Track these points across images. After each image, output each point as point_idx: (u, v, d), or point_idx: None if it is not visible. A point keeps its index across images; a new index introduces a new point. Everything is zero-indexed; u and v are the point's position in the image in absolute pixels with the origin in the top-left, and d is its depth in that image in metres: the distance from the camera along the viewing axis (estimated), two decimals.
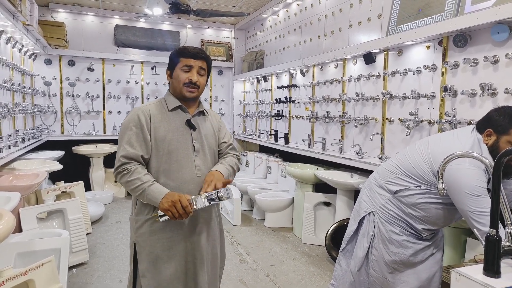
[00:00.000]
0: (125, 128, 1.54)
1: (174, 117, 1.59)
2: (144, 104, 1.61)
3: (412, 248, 1.70)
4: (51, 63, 5.42)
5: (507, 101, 2.17)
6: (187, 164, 1.56)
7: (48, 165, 3.78)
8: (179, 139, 1.56)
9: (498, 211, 1.06)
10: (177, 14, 4.34)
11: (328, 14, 4.08)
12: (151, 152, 1.54)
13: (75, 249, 3.10)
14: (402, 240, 1.71)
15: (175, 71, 1.59)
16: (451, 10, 2.51)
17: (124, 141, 1.51)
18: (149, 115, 1.54)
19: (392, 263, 1.73)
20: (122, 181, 1.50)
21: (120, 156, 1.50)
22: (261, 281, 2.95)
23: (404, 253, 1.70)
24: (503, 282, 0.98)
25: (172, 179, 1.53)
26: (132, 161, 1.50)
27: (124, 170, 1.49)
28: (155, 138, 1.53)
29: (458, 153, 1.26)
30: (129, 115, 1.56)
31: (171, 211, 1.44)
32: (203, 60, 1.60)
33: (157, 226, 1.53)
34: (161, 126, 1.55)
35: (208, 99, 6.44)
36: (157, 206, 1.46)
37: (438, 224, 1.71)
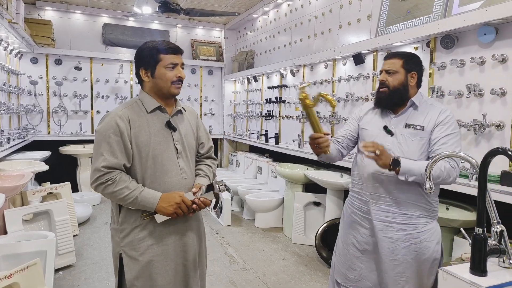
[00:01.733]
0: (102, 136, 1.43)
1: (153, 119, 1.51)
2: (119, 108, 1.50)
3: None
4: (38, 62, 5.32)
5: (493, 101, 2.21)
6: (171, 168, 1.52)
7: (34, 165, 3.71)
8: (161, 143, 1.50)
9: (485, 210, 1.07)
10: (167, 13, 4.31)
11: (318, 14, 4.10)
12: (133, 159, 1.47)
13: (62, 251, 3.05)
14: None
15: (157, 70, 1.50)
16: (438, 12, 2.54)
17: (104, 150, 1.42)
18: (128, 120, 1.46)
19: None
20: (106, 192, 1.42)
21: (100, 167, 1.40)
22: (251, 282, 2.94)
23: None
24: (489, 281, 0.99)
25: (158, 183, 1.49)
26: (114, 170, 1.42)
27: (107, 180, 1.40)
28: (136, 144, 1.46)
29: (446, 153, 1.28)
30: (105, 121, 1.45)
31: (177, 213, 1.44)
32: (181, 54, 1.56)
33: (146, 232, 1.49)
34: (141, 130, 1.47)
35: (198, 99, 6.40)
36: (152, 211, 1.44)
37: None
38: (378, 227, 1.72)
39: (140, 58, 1.52)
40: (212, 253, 3.49)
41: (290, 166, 4.20)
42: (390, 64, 1.74)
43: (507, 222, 1.23)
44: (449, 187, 2.21)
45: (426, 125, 1.68)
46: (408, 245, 1.68)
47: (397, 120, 1.74)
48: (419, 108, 1.72)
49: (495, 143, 2.20)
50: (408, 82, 1.72)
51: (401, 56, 1.74)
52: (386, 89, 1.73)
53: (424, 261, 1.68)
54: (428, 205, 1.70)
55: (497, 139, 2.19)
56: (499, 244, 1.08)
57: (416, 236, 1.68)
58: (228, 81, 6.42)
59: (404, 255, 1.69)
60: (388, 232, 1.70)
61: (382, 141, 1.71)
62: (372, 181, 1.74)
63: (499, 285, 0.97)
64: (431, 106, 1.72)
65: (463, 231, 1.26)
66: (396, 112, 1.76)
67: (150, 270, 1.49)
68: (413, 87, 1.74)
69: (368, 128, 1.81)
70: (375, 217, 1.73)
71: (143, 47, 1.53)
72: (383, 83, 1.75)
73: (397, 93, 1.71)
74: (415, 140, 1.68)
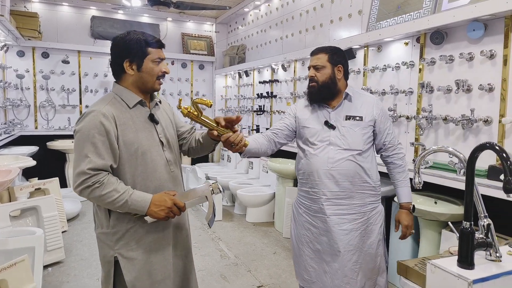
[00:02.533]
0: (86, 136, 1.34)
1: (136, 114, 1.45)
2: (101, 105, 1.40)
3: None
4: (24, 55, 5.21)
5: (481, 97, 2.24)
6: (160, 162, 1.49)
7: (21, 161, 3.64)
8: (147, 137, 1.46)
9: (472, 204, 1.09)
10: (157, 6, 4.25)
11: (309, 9, 4.09)
12: (120, 158, 1.40)
13: (50, 248, 3.01)
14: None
15: (145, 63, 1.43)
16: (428, 8, 2.55)
17: (88, 151, 1.32)
18: (113, 118, 1.38)
19: None
20: (92, 196, 1.33)
21: (86, 169, 1.31)
22: (243, 276, 2.95)
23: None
24: (477, 274, 1.00)
25: (150, 180, 1.46)
26: (101, 172, 1.34)
27: (94, 183, 1.31)
28: (124, 142, 1.39)
29: (434, 147, 1.29)
30: (87, 120, 1.36)
31: (169, 217, 1.41)
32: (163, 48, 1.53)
33: (142, 231, 1.46)
34: (127, 128, 1.41)
35: (189, 94, 6.36)
36: (143, 214, 1.39)
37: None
38: (332, 222, 1.75)
39: (125, 49, 1.42)
40: (203, 248, 3.49)
41: (281, 161, 4.21)
42: (317, 59, 1.81)
43: (494, 216, 1.25)
44: (438, 181, 2.24)
45: (364, 115, 1.78)
46: (359, 233, 1.77)
47: (335, 114, 1.80)
48: (353, 99, 1.82)
49: (483, 138, 2.23)
50: (336, 75, 1.79)
51: (326, 51, 1.81)
52: (315, 84, 1.80)
53: (371, 243, 1.77)
54: (373, 190, 1.80)
55: (485, 134, 2.23)
56: (486, 238, 1.09)
57: (364, 222, 1.78)
58: (219, 75, 6.38)
59: (357, 243, 1.76)
60: (342, 224, 1.75)
61: (325, 135, 1.77)
62: (320, 178, 1.75)
63: (486, 277, 0.99)
64: (362, 96, 1.85)
65: (450, 225, 1.28)
66: (332, 105, 1.82)
67: (149, 267, 1.48)
68: (340, 80, 1.81)
69: (309, 126, 1.83)
70: (328, 212, 1.75)
71: (129, 38, 1.43)
72: (312, 78, 1.82)
73: (326, 87, 1.78)
74: (357, 130, 1.76)
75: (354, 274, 1.76)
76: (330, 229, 1.75)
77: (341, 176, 1.73)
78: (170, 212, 1.40)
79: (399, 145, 1.86)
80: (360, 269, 1.77)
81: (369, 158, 1.79)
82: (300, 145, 1.89)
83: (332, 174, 1.73)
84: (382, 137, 1.82)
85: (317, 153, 1.77)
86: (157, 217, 1.40)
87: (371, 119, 1.78)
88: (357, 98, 1.82)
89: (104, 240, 1.46)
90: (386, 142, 1.82)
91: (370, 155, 1.79)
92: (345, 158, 1.73)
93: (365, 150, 1.76)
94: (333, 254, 1.76)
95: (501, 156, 1.00)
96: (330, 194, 1.75)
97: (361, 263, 1.77)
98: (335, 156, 1.73)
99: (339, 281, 1.76)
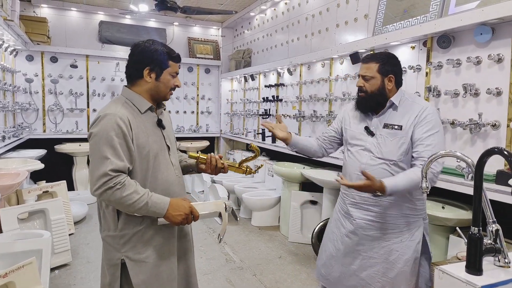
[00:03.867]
0: (104, 139, 1.36)
1: (147, 120, 1.51)
2: (115, 108, 1.43)
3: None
4: (33, 60, 5.28)
5: (489, 101, 2.22)
6: (167, 166, 1.53)
7: (29, 164, 3.68)
8: (156, 141, 1.51)
9: (480, 210, 1.08)
10: (164, 11, 4.29)
11: (315, 13, 4.10)
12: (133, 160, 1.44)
13: (58, 250, 3.04)
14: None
15: (164, 75, 1.50)
16: (435, 11, 2.55)
17: (108, 153, 1.35)
18: (128, 121, 1.41)
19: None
20: (113, 198, 1.33)
21: (108, 170, 1.32)
22: (248, 280, 2.94)
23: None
24: (485, 280, 0.99)
25: (158, 183, 1.49)
26: (121, 173, 1.36)
27: (116, 184, 1.32)
28: (137, 144, 1.43)
29: (442, 152, 1.28)
30: (105, 123, 1.38)
31: (183, 223, 1.43)
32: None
33: (150, 233, 1.48)
34: (140, 131, 1.45)
35: (195, 97, 6.39)
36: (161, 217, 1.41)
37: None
38: (358, 225, 1.75)
39: (149, 58, 1.47)
40: (208, 251, 3.49)
41: (287, 164, 4.20)
42: (366, 69, 1.76)
43: (502, 221, 1.24)
44: (446, 186, 2.22)
45: (404, 124, 1.69)
46: (388, 245, 1.71)
47: (377, 121, 1.77)
48: (399, 108, 1.74)
49: (491, 143, 2.21)
50: (386, 86, 1.74)
51: (377, 60, 1.75)
52: (364, 94, 1.77)
53: (406, 261, 1.69)
54: (412, 204, 1.73)
55: (493, 138, 2.21)
56: (494, 243, 1.08)
57: (397, 236, 1.71)
58: (225, 79, 6.40)
59: (384, 254, 1.70)
60: (369, 230, 1.73)
61: (363, 140, 1.76)
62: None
63: (494, 284, 0.98)
64: (413, 104, 1.74)
65: (458, 230, 1.27)
66: (377, 112, 1.78)
67: (156, 270, 1.49)
68: (391, 90, 1.76)
69: (351, 128, 1.85)
70: (355, 215, 1.76)
71: (155, 48, 1.48)
72: (360, 88, 1.78)
73: (374, 97, 1.74)
74: (393, 140, 1.69)
75: (376, 284, 1.71)
76: (355, 232, 1.76)
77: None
78: (186, 219, 1.42)
79: (437, 169, 1.61)
80: (388, 283, 1.70)
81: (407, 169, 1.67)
82: (344, 145, 1.91)
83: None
84: (414, 144, 1.65)
85: (352, 156, 1.80)
86: (173, 221, 1.41)
87: (410, 129, 1.67)
88: (405, 106, 1.73)
89: (111, 242, 1.48)
90: (418, 152, 1.63)
91: (409, 167, 1.68)
92: (378, 165, 1.70)
93: (402, 160, 1.67)
94: (354, 257, 1.76)
95: (510, 161, 0.99)
96: (359, 199, 1.75)
97: (392, 279, 1.69)
98: (368, 162, 1.73)
99: (355, 282, 1.75)
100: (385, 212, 1.71)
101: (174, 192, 1.53)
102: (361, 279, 1.74)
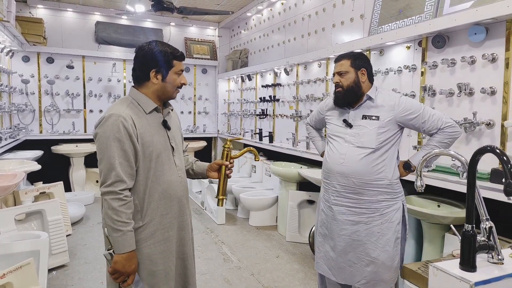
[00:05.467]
0: (111, 140, 1.39)
1: (152, 120, 1.52)
2: (119, 109, 1.46)
3: None
4: (29, 60, 5.26)
5: (484, 100, 2.24)
6: (170, 166, 1.55)
7: (26, 165, 3.67)
8: (161, 142, 1.53)
9: (474, 207, 1.09)
10: (160, 11, 4.29)
11: (311, 13, 4.11)
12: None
13: (55, 251, 3.03)
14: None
15: (169, 75, 1.52)
16: (430, 12, 2.57)
17: (117, 154, 1.39)
18: (132, 121, 1.44)
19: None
20: (110, 204, 1.37)
21: (122, 172, 1.39)
22: (246, 280, 2.95)
23: None
24: (478, 276, 1.01)
25: (159, 183, 1.51)
26: (128, 187, 1.41)
27: (121, 194, 1.38)
28: (142, 144, 1.46)
29: (436, 151, 1.30)
30: (110, 123, 1.41)
31: (117, 271, 1.40)
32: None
33: (149, 231, 1.50)
34: (145, 131, 1.48)
35: (192, 98, 6.39)
36: (113, 252, 1.41)
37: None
38: (339, 211, 1.88)
39: (153, 60, 1.50)
40: (206, 251, 3.50)
41: (284, 164, 4.21)
42: (340, 65, 1.91)
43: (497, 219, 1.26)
44: (441, 184, 2.24)
45: (381, 115, 1.84)
46: (370, 227, 1.82)
47: (354, 113, 1.91)
48: (375, 100, 1.88)
49: (485, 141, 2.23)
50: (360, 78, 1.88)
51: (348, 57, 1.91)
52: (341, 89, 1.90)
53: (387, 240, 1.81)
54: (389, 187, 1.84)
55: (487, 137, 2.23)
56: (488, 240, 1.10)
57: (377, 218, 1.82)
58: (222, 79, 6.41)
59: (366, 236, 1.82)
60: (349, 215, 1.86)
61: (342, 133, 1.91)
62: (333, 171, 1.90)
63: (487, 280, 0.99)
64: (386, 96, 1.89)
65: (453, 228, 1.28)
66: (353, 106, 1.91)
67: (154, 268, 1.51)
68: (365, 82, 1.90)
69: (332, 123, 2.00)
70: (336, 202, 1.89)
71: (159, 50, 1.50)
72: (337, 84, 1.91)
73: (351, 91, 1.88)
74: (372, 129, 1.83)
75: (361, 263, 1.84)
76: (336, 218, 1.89)
77: (351, 172, 1.83)
78: (120, 273, 1.41)
79: (448, 126, 1.82)
80: (373, 263, 1.82)
81: (386, 156, 1.84)
82: (326, 140, 2.05)
83: (342, 169, 1.85)
84: (418, 128, 1.85)
85: (333, 148, 1.92)
86: (114, 263, 1.40)
87: (390, 119, 1.83)
88: (379, 99, 1.89)
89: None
90: (426, 130, 1.84)
91: (388, 154, 1.84)
92: (357, 155, 1.83)
93: (379, 148, 1.82)
94: (340, 241, 1.88)
95: (502, 159, 1.00)
96: (340, 187, 1.88)
97: (375, 258, 1.81)
98: (347, 152, 1.85)
99: (343, 263, 1.88)
100: (363, 198, 1.84)
101: (175, 192, 1.55)
102: (348, 260, 1.87)
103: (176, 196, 1.55)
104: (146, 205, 1.49)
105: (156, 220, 1.51)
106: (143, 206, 1.49)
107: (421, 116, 1.83)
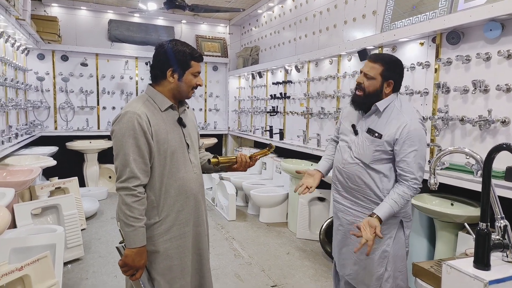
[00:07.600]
0: (126, 137, 1.43)
1: (167, 117, 1.55)
2: (135, 106, 1.48)
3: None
4: (44, 58, 5.36)
5: (499, 97, 2.21)
6: (185, 163, 1.57)
7: (41, 161, 3.76)
8: (175, 139, 1.55)
9: (489, 206, 1.08)
10: (172, 9, 4.32)
11: (323, 10, 4.09)
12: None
13: (70, 245, 3.10)
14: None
15: (186, 75, 1.54)
16: (444, 7, 2.53)
17: (131, 151, 1.42)
18: (147, 119, 1.46)
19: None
20: (125, 199, 1.41)
21: (136, 168, 1.42)
22: (256, 276, 2.97)
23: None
24: (492, 275, 1.00)
25: (174, 179, 1.53)
26: (142, 183, 1.44)
27: (135, 191, 1.42)
28: (157, 141, 1.48)
29: (450, 148, 1.29)
30: (126, 121, 1.44)
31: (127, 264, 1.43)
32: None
33: (165, 226, 1.53)
34: (159, 128, 1.50)
35: (203, 95, 6.43)
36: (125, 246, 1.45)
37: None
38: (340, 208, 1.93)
39: (171, 60, 1.51)
40: (217, 247, 3.53)
41: (294, 161, 4.21)
42: (371, 68, 1.74)
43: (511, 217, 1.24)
44: (455, 183, 2.22)
45: (384, 134, 1.71)
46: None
47: (364, 122, 1.81)
48: (383, 115, 1.74)
49: (500, 139, 2.20)
50: (383, 90, 1.75)
51: (383, 63, 1.73)
52: (362, 93, 1.76)
53: (373, 249, 1.74)
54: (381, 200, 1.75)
55: (503, 135, 2.19)
56: (502, 239, 1.09)
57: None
58: (233, 77, 6.43)
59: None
60: (346, 215, 1.89)
61: (349, 137, 1.85)
62: (335, 171, 1.93)
63: (502, 279, 0.99)
64: (399, 114, 1.72)
65: (467, 226, 1.27)
66: (366, 111, 1.81)
67: (170, 262, 1.54)
68: (388, 94, 1.76)
69: (344, 123, 1.94)
70: (338, 200, 1.93)
71: (177, 49, 1.52)
72: (359, 85, 1.77)
73: (370, 98, 1.76)
74: (370, 146, 1.75)
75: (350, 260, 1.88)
76: (337, 213, 1.96)
77: (348, 177, 1.84)
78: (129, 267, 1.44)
79: (412, 182, 1.67)
80: (357, 264, 1.85)
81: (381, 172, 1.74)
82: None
83: (341, 172, 1.87)
84: (397, 160, 1.70)
85: (339, 150, 1.91)
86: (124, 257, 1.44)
87: (392, 140, 1.69)
88: (390, 114, 1.74)
89: None
90: (398, 169, 1.71)
91: (382, 171, 1.74)
92: (354, 164, 1.81)
93: (374, 163, 1.74)
94: (337, 233, 1.98)
95: None
96: (341, 186, 1.90)
97: (360, 260, 1.83)
98: (347, 158, 1.84)
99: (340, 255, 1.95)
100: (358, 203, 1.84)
101: (191, 189, 1.57)
102: (342, 253, 1.93)
103: (192, 192, 1.58)
104: (163, 201, 1.52)
105: (172, 215, 1.53)
106: (159, 202, 1.51)
107: (410, 155, 1.66)
